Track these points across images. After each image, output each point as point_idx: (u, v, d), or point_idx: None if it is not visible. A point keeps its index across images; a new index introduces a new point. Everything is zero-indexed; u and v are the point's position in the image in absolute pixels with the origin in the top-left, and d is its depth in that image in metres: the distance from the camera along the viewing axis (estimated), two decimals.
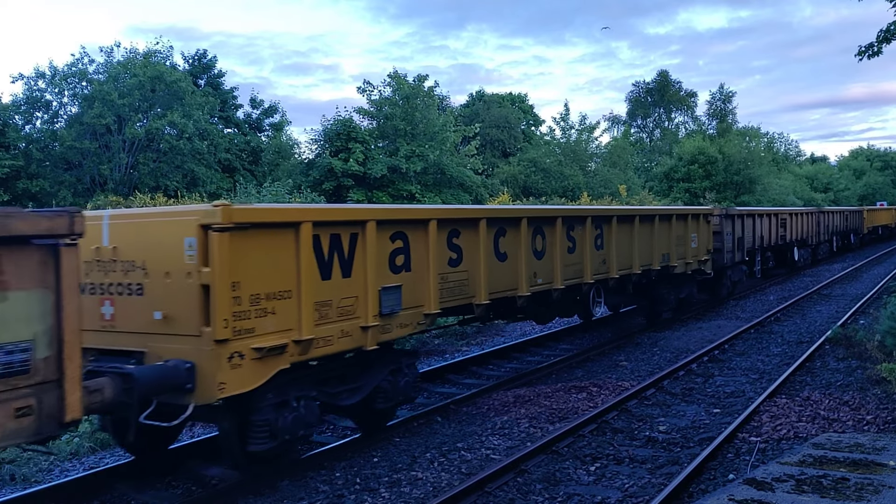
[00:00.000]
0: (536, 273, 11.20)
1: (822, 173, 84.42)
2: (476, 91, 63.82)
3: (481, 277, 9.83)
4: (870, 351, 12.90)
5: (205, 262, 6.52)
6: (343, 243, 7.82)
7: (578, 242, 12.41)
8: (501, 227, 10.43)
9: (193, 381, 6.48)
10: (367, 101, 37.85)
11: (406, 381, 8.92)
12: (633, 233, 14.30)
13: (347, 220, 7.96)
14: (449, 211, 9.86)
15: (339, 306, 7.76)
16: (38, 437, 5.34)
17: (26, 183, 34.21)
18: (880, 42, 15.27)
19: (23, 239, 5.15)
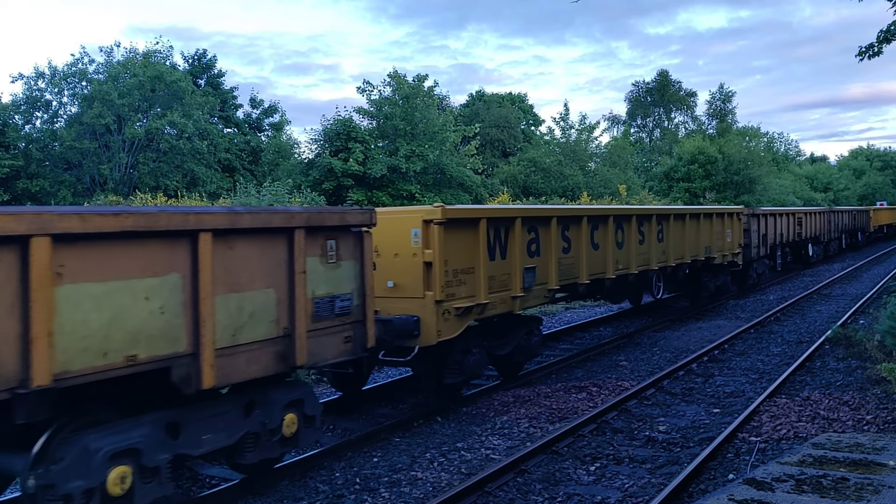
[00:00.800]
0: (618, 260, 13.75)
1: (822, 173, 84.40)
2: (476, 91, 63.88)
3: (583, 263, 12.45)
4: (869, 351, 12.90)
5: (427, 246, 9.23)
6: (501, 235, 10.56)
7: (647, 236, 14.94)
8: (596, 223, 13.00)
9: (419, 330, 9.13)
10: (367, 100, 37.85)
11: (535, 341, 11.62)
12: (684, 228, 16.81)
13: (505, 217, 10.68)
14: (563, 210, 13.06)
15: (500, 280, 10.49)
16: (353, 357, 7.84)
17: (26, 183, 34.21)
18: (880, 42, 15.25)
19: (348, 228, 7.71)
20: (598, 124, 51.13)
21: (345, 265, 7.66)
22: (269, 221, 6.81)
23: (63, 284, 5.26)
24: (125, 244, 5.65)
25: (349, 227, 7.74)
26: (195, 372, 6.10)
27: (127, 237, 5.65)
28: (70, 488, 5.33)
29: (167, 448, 6.09)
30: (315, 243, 7.29)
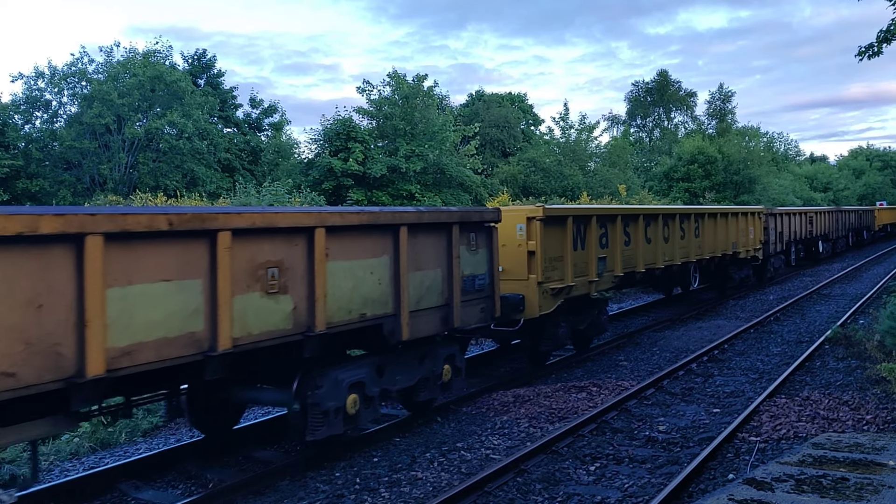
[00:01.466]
0: (665, 253, 16.07)
1: (822, 173, 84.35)
2: (476, 91, 63.85)
3: (640, 254, 14.81)
4: (869, 351, 12.90)
5: (530, 238, 11.54)
6: (582, 230, 12.89)
7: (687, 233, 17.32)
8: (648, 220, 15.25)
9: (524, 305, 11.34)
10: (367, 100, 37.83)
11: (604, 319, 13.98)
12: (716, 226, 19.41)
13: (584, 215, 13.05)
14: (626, 209, 15.19)
15: (580, 267, 12.80)
16: (485, 324, 10.12)
17: (26, 182, 34.20)
18: (880, 42, 15.27)
19: (483, 223, 10.07)
20: (597, 124, 51.10)
21: (481, 252, 10.05)
22: (438, 218, 9.19)
23: (329, 262, 7.59)
24: (360, 234, 8.05)
25: (484, 223, 10.11)
26: (397, 328, 8.47)
27: (362, 229, 8.06)
28: (328, 406, 7.74)
29: (377, 384, 8.47)
30: (463, 235, 9.63)
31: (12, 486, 6.00)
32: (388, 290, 8.36)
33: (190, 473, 7.96)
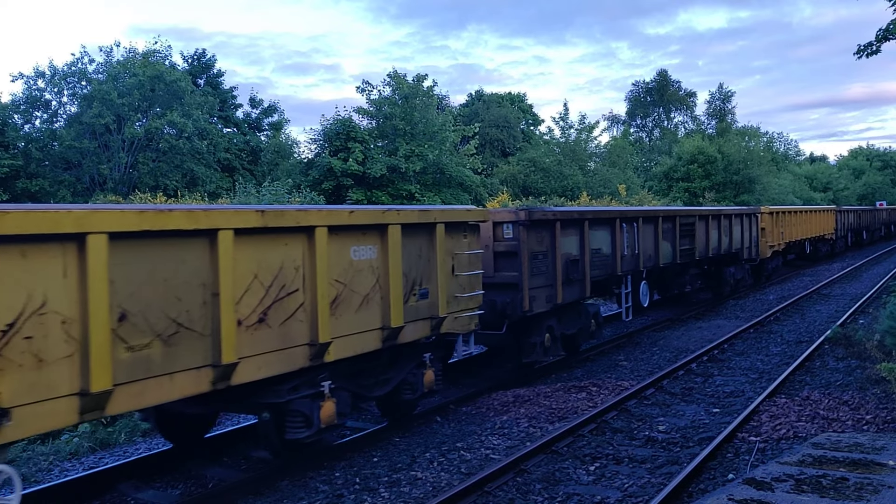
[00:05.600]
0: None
1: (822, 173, 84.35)
2: (476, 91, 63.83)
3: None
4: (869, 350, 12.89)
5: None
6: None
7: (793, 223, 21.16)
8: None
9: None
10: (367, 100, 37.83)
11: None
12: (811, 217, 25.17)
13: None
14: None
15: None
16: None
17: (25, 182, 34.18)
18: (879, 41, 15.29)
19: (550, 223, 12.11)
20: (597, 124, 51.12)
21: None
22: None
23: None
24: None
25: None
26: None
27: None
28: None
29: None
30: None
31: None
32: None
33: (190, 473, 7.96)
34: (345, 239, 7.63)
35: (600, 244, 13.65)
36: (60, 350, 5.28)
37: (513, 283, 11.14)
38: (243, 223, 6.50)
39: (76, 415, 5.43)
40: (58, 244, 5.25)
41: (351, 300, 7.70)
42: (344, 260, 7.63)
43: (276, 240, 6.90)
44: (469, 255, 9.56)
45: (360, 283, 7.83)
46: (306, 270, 7.17)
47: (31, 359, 5.11)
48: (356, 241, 7.79)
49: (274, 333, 6.86)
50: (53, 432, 6.63)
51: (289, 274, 7.01)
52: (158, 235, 5.90)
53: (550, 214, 11.94)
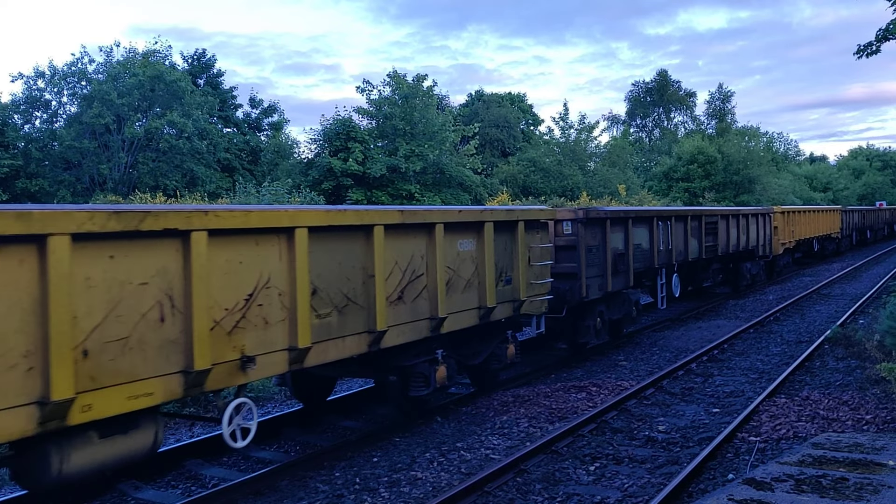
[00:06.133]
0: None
1: (822, 173, 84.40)
2: (476, 91, 63.84)
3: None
4: (869, 350, 12.89)
5: None
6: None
7: (803, 221, 25.05)
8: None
9: None
10: (367, 100, 37.84)
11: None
12: (818, 216, 26.99)
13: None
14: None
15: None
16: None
17: (25, 182, 34.19)
18: (879, 41, 15.30)
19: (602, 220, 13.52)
20: (597, 124, 51.15)
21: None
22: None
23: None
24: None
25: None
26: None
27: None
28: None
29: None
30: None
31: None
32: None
33: (190, 473, 7.96)
34: (454, 234, 9.16)
35: (641, 240, 15.22)
36: (278, 315, 6.88)
37: (572, 272, 12.52)
38: (389, 220, 8.11)
39: (287, 365, 7.02)
40: (276, 236, 6.85)
41: (458, 284, 9.27)
42: (453, 251, 9.17)
43: (408, 234, 8.47)
44: (541, 248, 11.07)
45: (464, 270, 9.40)
46: (428, 259, 8.76)
47: (262, 321, 6.72)
48: (461, 236, 9.33)
49: (407, 308, 8.47)
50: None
51: (417, 261, 8.61)
52: (336, 230, 7.51)
53: (602, 213, 13.49)
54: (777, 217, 25.94)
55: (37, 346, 5.12)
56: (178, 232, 5.97)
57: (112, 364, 5.56)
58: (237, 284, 6.49)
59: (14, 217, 4.95)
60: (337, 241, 7.50)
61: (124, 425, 5.92)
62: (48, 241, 5.11)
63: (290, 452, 8.69)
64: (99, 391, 5.47)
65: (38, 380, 5.12)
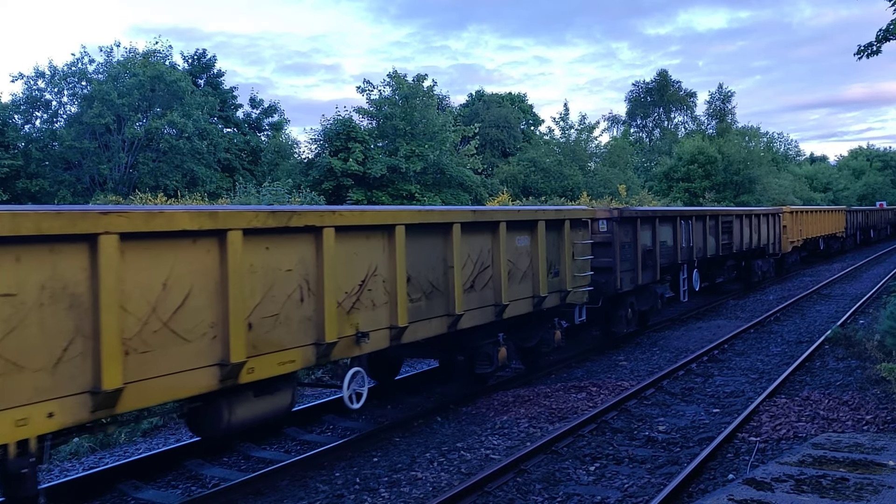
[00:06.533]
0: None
1: (822, 173, 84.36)
2: (476, 91, 63.83)
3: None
4: (869, 351, 12.89)
5: None
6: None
7: (811, 221, 26.92)
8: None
9: None
10: (367, 100, 37.82)
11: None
12: (824, 216, 28.76)
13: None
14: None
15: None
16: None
17: (26, 182, 34.19)
18: (879, 41, 15.30)
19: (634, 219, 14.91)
20: (597, 124, 51.14)
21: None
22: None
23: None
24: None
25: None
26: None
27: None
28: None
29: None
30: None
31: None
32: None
33: (190, 473, 7.96)
34: (513, 231, 10.35)
35: (666, 237, 16.43)
36: (382, 299, 8.11)
37: (608, 267, 13.64)
38: (464, 219, 9.36)
39: (388, 341, 8.24)
40: (381, 232, 8.10)
41: (516, 275, 10.46)
42: (512, 246, 10.34)
43: (478, 231, 9.71)
44: (583, 244, 12.23)
45: (521, 263, 10.56)
46: (493, 253, 9.95)
47: (371, 303, 7.96)
48: (519, 233, 10.52)
49: (477, 296, 9.67)
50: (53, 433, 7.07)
51: (485, 254, 9.83)
52: (424, 227, 8.68)
53: (634, 213, 14.85)
54: (786, 217, 27.12)
55: (219, 319, 6.36)
56: (314, 228, 7.23)
57: (267, 336, 6.79)
58: (353, 272, 7.75)
59: (207, 215, 6.26)
60: (424, 236, 8.72)
61: (271, 387, 7.19)
62: (227, 234, 6.35)
63: (290, 452, 8.69)
64: (259, 357, 6.69)
65: (219, 346, 6.37)
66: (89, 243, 5.43)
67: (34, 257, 5.17)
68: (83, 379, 5.43)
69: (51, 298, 5.25)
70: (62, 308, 5.32)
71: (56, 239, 5.25)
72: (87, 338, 5.44)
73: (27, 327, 5.11)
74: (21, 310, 5.08)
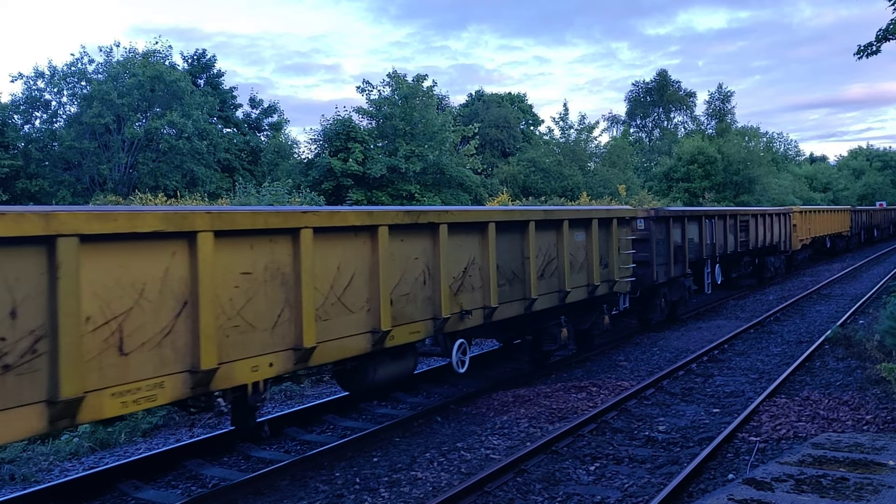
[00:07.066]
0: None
1: (822, 173, 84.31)
2: (476, 91, 63.81)
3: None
4: (869, 351, 12.89)
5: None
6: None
7: (817, 220, 29.70)
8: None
9: None
10: (367, 100, 37.81)
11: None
12: (832, 216, 31.93)
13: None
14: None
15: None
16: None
17: (25, 183, 34.18)
18: (879, 41, 15.31)
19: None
20: (597, 124, 51.08)
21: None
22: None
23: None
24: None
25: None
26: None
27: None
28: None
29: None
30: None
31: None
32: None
33: (190, 473, 7.95)
34: (573, 227, 11.92)
35: (693, 235, 18.05)
36: (478, 283, 9.78)
37: (645, 260, 15.13)
38: (537, 217, 11.02)
39: (482, 319, 9.84)
40: (478, 228, 9.77)
41: (575, 266, 12.02)
42: (572, 240, 11.86)
43: (547, 228, 11.35)
44: (627, 240, 13.73)
45: (579, 256, 12.14)
46: (559, 246, 11.55)
47: (470, 287, 9.61)
48: (577, 229, 12.06)
49: (546, 283, 11.24)
50: (51, 433, 7.11)
51: (552, 248, 11.43)
52: (508, 224, 10.34)
53: (667, 212, 16.66)
54: (796, 216, 28.79)
55: (372, 295, 8.04)
56: (433, 224, 8.91)
57: (402, 310, 8.45)
58: (458, 261, 9.39)
59: (367, 214, 8.00)
60: (508, 232, 10.36)
61: (402, 353, 8.93)
62: (378, 229, 8.05)
63: (290, 452, 8.69)
64: (397, 327, 8.35)
65: (372, 317, 8.06)
66: (293, 236, 7.11)
67: (261, 245, 6.83)
68: (290, 338, 7.13)
69: (271, 276, 6.93)
70: (277, 284, 6.98)
71: (273, 232, 6.91)
72: (292, 307, 7.11)
73: (257, 298, 6.78)
74: (254, 285, 6.75)
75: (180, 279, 6.10)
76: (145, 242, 5.85)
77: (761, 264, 25.54)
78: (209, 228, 6.23)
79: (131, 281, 5.78)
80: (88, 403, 5.47)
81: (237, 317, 6.56)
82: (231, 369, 6.49)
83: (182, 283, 6.10)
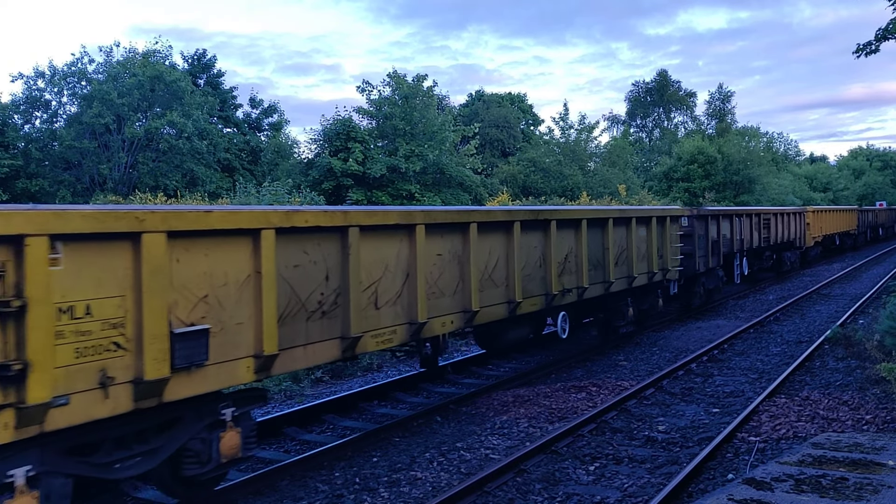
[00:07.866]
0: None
1: (822, 173, 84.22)
2: (476, 91, 63.80)
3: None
4: (869, 351, 12.88)
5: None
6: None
7: (823, 219, 33.02)
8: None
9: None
10: (367, 100, 37.79)
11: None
12: (836, 215, 34.80)
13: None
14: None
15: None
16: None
17: (25, 182, 34.17)
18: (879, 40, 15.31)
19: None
20: (597, 124, 51.03)
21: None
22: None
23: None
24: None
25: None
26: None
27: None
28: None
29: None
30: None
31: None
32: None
33: None
34: (638, 224, 14.01)
35: (726, 231, 20.42)
36: (574, 268, 11.82)
37: (689, 253, 17.29)
38: (614, 215, 13.13)
39: (576, 297, 11.89)
40: (575, 223, 11.88)
41: (639, 256, 14.01)
42: (638, 235, 13.97)
43: (621, 224, 13.36)
44: (676, 234, 15.92)
45: (641, 247, 14.15)
46: (628, 239, 13.59)
47: (569, 271, 11.73)
48: (640, 226, 14.12)
49: (619, 270, 13.26)
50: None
51: (622, 240, 13.43)
52: (595, 221, 12.49)
53: (706, 211, 19.24)
54: (809, 215, 31.26)
55: (510, 273, 10.25)
56: (546, 221, 11.06)
57: (527, 286, 10.56)
58: (562, 250, 11.49)
59: (507, 213, 10.47)
60: (594, 227, 12.32)
61: (522, 321, 11.37)
62: (514, 224, 10.27)
63: (290, 452, 8.69)
64: (525, 300, 10.47)
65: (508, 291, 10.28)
66: (464, 229, 9.31)
67: (447, 235, 9.10)
68: (462, 304, 9.34)
69: (452, 258, 9.17)
70: (455, 264, 9.21)
71: (455, 226, 9.22)
72: (463, 282, 9.30)
73: (445, 273, 9.04)
74: (443, 263, 9.00)
75: (406, 257, 8.39)
76: (390, 232, 8.18)
77: (779, 259, 27.66)
78: (423, 222, 8.53)
79: (382, 258, 8.08)
80: (362, 341, 7.74)
81: (434, 285, 8.82)
82: (432, 323, 8.75)
83: (406, 260, 8.40)
